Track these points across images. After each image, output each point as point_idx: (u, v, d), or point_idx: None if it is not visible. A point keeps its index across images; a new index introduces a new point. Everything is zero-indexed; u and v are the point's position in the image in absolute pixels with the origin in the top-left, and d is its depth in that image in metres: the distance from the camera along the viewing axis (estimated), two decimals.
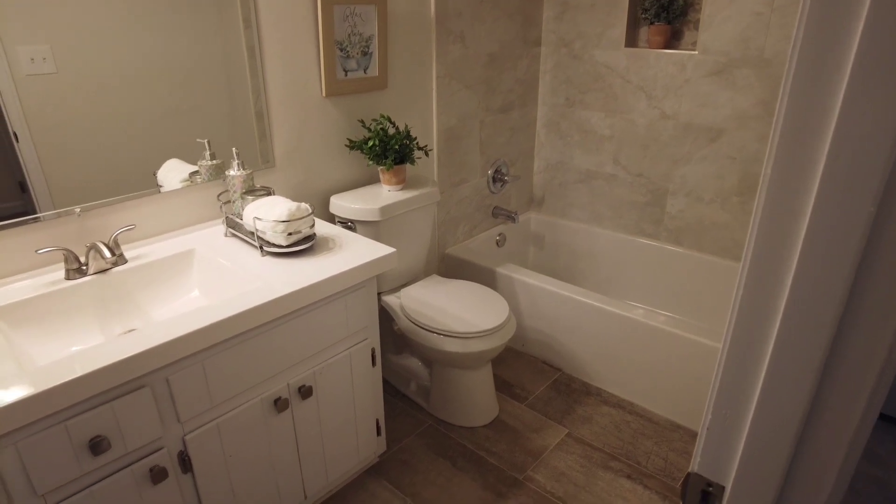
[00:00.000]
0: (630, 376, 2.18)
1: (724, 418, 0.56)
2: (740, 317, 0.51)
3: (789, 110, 0.44)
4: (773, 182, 0.46)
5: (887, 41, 0.38)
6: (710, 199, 2.41)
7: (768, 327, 0.50)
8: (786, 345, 0.49)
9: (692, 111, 2.35)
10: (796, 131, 0.44)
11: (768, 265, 0.48)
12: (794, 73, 0.43)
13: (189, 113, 1.57)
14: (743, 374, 0.53)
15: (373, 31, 1.92)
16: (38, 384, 0.96)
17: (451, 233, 2.60)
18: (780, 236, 0.47)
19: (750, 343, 0.52)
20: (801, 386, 0.49)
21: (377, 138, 1.90)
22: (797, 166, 0.45)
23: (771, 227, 0.47)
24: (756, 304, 0.50)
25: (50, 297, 1.29)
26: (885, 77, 0.39)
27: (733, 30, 2.15)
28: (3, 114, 1.28)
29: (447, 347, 1.87)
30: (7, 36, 1.24)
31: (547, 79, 2.77)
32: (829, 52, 0.41)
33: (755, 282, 0.49)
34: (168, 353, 1.11)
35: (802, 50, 0.42)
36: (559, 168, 2.88)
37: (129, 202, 1.51)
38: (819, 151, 0.43)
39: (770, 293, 0.49)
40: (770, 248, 0.48)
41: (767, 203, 0.47)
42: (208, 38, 1.56)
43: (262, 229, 1.44)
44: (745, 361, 0.52)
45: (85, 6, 1.33)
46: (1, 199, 1.31)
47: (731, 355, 0.53)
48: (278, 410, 1.38)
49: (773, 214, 0.47)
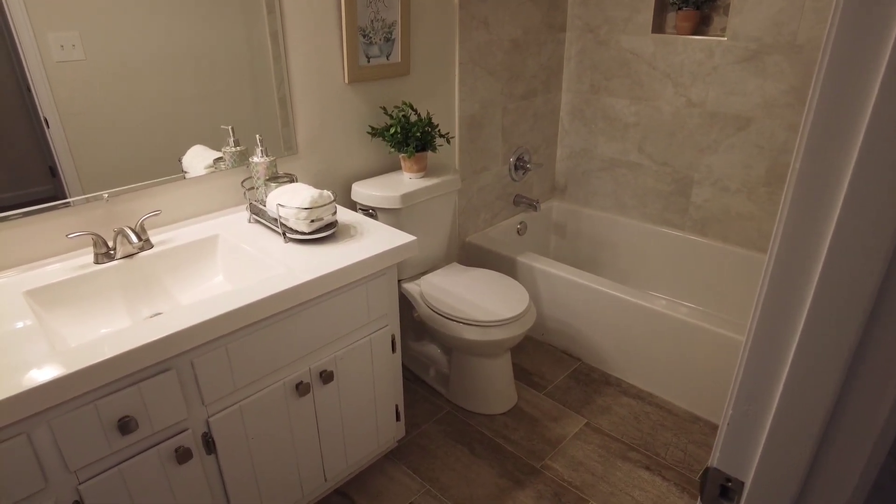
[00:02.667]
0: (650, 367, 2.16)
1: (746, 413, 0.55)
2: (764, 311, 0.51)
3: (821, 102, 0.43)
4: (801, 175, 0.45)
5: None
6: (737, 188, 2.36)
7: (793, 322, 0.49)
8: (811, 341, 0.48)
9: (720, 99, 2.30)
10: (828, 125, 0.43)
11: (795, 259, 0.47)
12: (827, 64, 0.42)
13: (213, 99, 1.59)
14: (766, 369, 0.52)
15: (396, 17, 1.91)
16: (71, 365, 0.99)
17: (471, 221, 2.59)
18: (809, 230, 0.46)
19: (774, 338, 0.51)
20: (826, 383, 0.48)
21: (399, 125, 1.90)
22: (828, 161, 0.44)
23: (799, 220, 0.46)
24: (781, 298, 0.49)
25: (80, 281, 1.33)
26: None
27: (765, 14, 2.09)
28: (34, 100, 1.31)
29: (467, 335, 1.88)
30: (38, 23, 1.26)
31: (571, 65, 2.73)
32: (865, 43, 0.40)
33: (781, 275, 0.49)
34: (193, 337, 1.13)
35: (837, 39, 0.41)
36: (583, 156, 2.84)
37: (155, 188, 1.54)
38: (852, 146, 0.42)
39: (796, 288, 0.48)
40: (797, 241, 0.47)
41: (796, 196, 0.46)
42: (232, 24, 1.57)
43: (286, 216, 1.46)
44: (769, 356, 0.52)
45: None
46: (32, 184, 1.35)
47: (754, 350, 0.53)
48: (300, 394, 1.41)
49: (801, 208, 0.46)
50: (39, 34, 1.27)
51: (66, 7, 1.29)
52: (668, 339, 2.05)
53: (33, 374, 0.97)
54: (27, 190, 1.35)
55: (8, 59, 1.25)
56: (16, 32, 1.25)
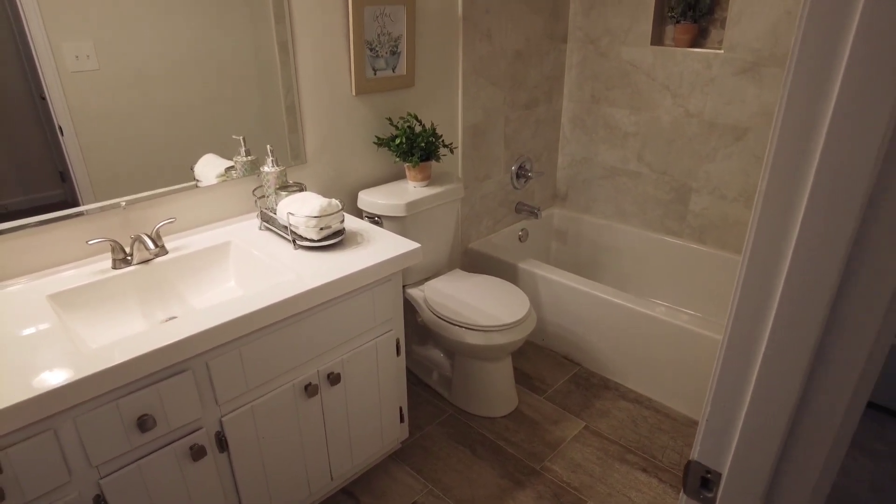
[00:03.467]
0: (649, 372, 2.21)
1: (722, 410, 0.61)
2: (737, 319, 0.56)
3: (783, 132, 0.49)
4: (767, 196, 0.51)
5: (869, 78, 0.43)
6: (734, 197, 2.42)
7: (762, 326, 0.54)
8: (777, 343, 0.53)
9: (717, 109, 2.35)
10: (790, 152, 0.49)
11: (762, 270, 0.53)
12: (789, 92, 0.48)
13: (223, 109, 1.65)
14: (739, 368, 0.58)
15: (401, 31, 1.98)
16: (96, 365, 1.05)
17: (474, 227, 2.65)
18: (774, 244, 0.51)
19: (746, 340, 0.56)
20: (790, 380, 0.54)
21: (404, 136, 1.96)
22: (789, 182, 0.49)
23: (766, 235, 0.52)
24: (751, 307, 0.55)
25: (99, 285, 1.39)
26: (861, 121, 0.43)
27: (761, 27, 2.14)
28: (49, 108, 1.37)
29: (469, 340, 1.93)
30: (54, 34, 1.32)
31: (573, 75, 2.79)
32: (820, 68, 0.46)
33: (751, 284, 0.54)
34: (209, 340, 1.19)
35: (798, 64, 0.47)
36: (584, 164, 2.90)
37: (169, 196, 1.60)
38: (808, 170, 0.48)
39: (764, 295, 0.53)
40: (764, 254, 0.52)
41: (763, 214, 0.51)
42: (241, 34, 1.62)
43: (295, 224, 1.52)
44: (742, 357, 0.57)
45: (126, 4, 1.40)
46: (42, 189, 1.40)
47: (729, 351, 0.58)
48: (308, 396, 1.46)
49: (767, 224, 0.51)
50: (55, 45, 1.32)
51: (81, 18, 1.35)
52: (667, 344, 2.10)
53: (61, 373, 1.03)
54: (37, 194, 1.39)
55: (22, 69, 1.30)
56: (32, 43, 1.31)
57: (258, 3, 1.63)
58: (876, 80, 0.43)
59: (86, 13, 1.35)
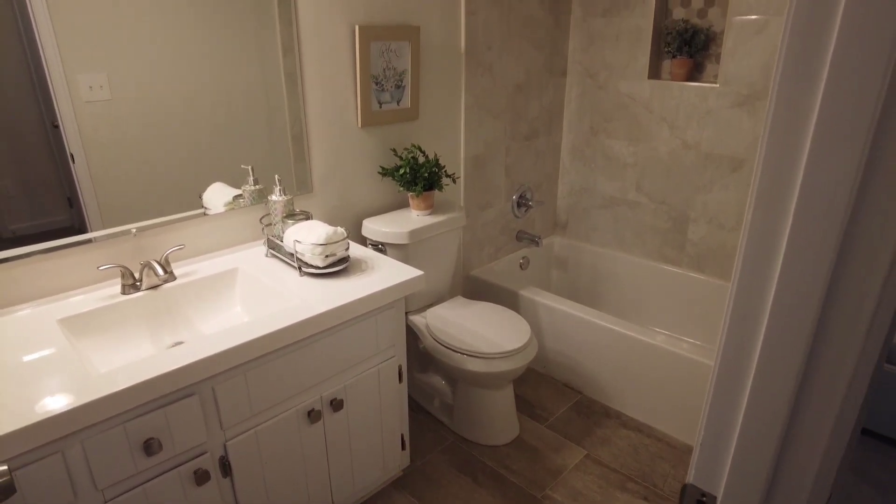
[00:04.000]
0: (650, 400, 2.22)
1: (715, 435, 0.63)
2: (727, 342, 0.59)
3: (766, 167, 0.52)
4: (752, 228, 0.54)
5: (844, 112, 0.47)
6: (732, 226, 2.45)
7: (750, 353, 0.57)
8: (764, 368, 0.56)
9: (714, 141, 2.41)
10: (771, 187, 0.52)
11: (749, 300, 0.56)
12: (770, 126, 0.51)
13: (232, 138, 1.70)
14: (730, 393, 0.60)
15: (406, 66, 2.05)
16: (105, 389, 1.07)
17: (475, 255, 2.69)
18: (759, 278, 0.55)
19: (735, 366, 0.59)
20: (778, 404, 0.56)
21: (408, 166, 2.01)
22: (772, 217, 0.53)
23: (750, 271, 0.55)
24: (740, 331, 0.58)
25: (108, 310, 1.42)
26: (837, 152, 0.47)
27: (754, 63, 2.21)
28: (61, 136, 1.41)
29: (470, 367, 1.95)
30: (70, 65, 1.37)
31: (572, 107, 2.86)
32: (799, 106, 0.50)
33: (739, 314, 0.57)
34: (216, 365, 1.21)
35: (779, 98, 0.51)
36: (583, 193, 2.95)
37: (178, 223, 1.64)
38: (788, 205, 0.51)
39: (751, 322, 0.56)
40: (750, 285, 0.56)
41: (748, 253, 0.55)
42: (250, 66, 1.68)
43: (301, 251, 1.55)
44: (732, 382, 0.60)
45: (138, 36, 1.46)
46: (50, 214, 1.43)
47: (720, 376, 0.61)
48: (311, 421, 1.48)
49: (752, 262, 0.55)
50: (70, 75, 1.37)
51: (96, 51, 1.40)
52: (667, 372, 2.12)
53: (71, 397, 1.05)
54: (45, 219, 1.43)
55: (36, 98, 1.35)
56: (49, 73, 1.36)
57: (267, 37, 1.70)
58: (849, 118, 0.47)
59: (101, 46, 1.41)
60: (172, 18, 1.51)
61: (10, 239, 1.39)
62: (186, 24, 1.53)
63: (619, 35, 2.58)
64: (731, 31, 2.24)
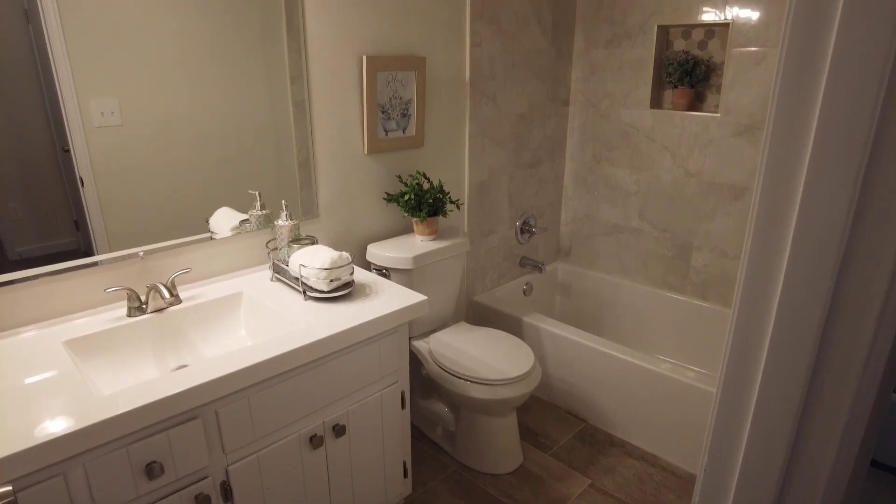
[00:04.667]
0: (655, 429, 2.19)
1: (719, 460, 0.63)
2: (729, 370, 0.60)
3: (762, 204, 0.54)
4: (750, 262, 0.55)
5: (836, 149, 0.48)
6: (735, 254, 2.46)
7: (752, 380, 0.58)
8: (766, 397, 0.57)
9: (716, 169, 2.43)
10: (768, 219, 0.54)
11: (749, 329, 0.57)
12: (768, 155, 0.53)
13: (239, 165, 1.73)
14: (733, 421, 0.61)
15: (412, 95, 2.09)
16: (108, 412, 1.08)
17: (479, 281, 2.69)
18: (758, 307, 0.56)
19: (737, 393, 0.60)
20: (780, 431, 0.56)
21: (413, 192, 2.04)
22: (769, 250, 0.54)
23: (750, 300, 0.56)
24: (741, 363, 0.58)
25: (114, 333, 1.43)
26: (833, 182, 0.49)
27: (755, 94, 2.25)
28: (71, 161, 1.43)
29: (474, 394, 1.94)
30: (83, 91, 1.40)
31: (575, 136, 2.90)
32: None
33: (739, 346, 0.58)
34: (219, 389, 1.21)
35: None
36: (586, 220, 2.97)
37: (185, 247, 1.66)
38: (786, 235, 0.52)
39: (751, 355, 0.57)
40: (750, 314, 0.56)
41: (747, 283, 0.56)
42: (258, 94, 1.72)
43: (307, 276, 1.57)
44: (734, 410, 0.60)
45: (150, 63, 1.50)
46: (56, 236, 1.45)
47: (722, 404, 0.61)
48: (313, 447, 1.47)
49: (751, 291, 0.56)
50: (83, 101, 1.41)
51: (109, 77, 1.44)
52: (672, 401, 2.10)
53: (74, 420, 1.06)
54: (52, 242, 1.44)
55: (47, 121, 1.38)
56: (62, 98, 1.39)
57: (276, 66, 1.74)
58: (842, 149, 0.48)
59: (114, 72, 1.44)
60: (183, 46, 1.55)
61: (16, 261, 1.40)
62: (197, 51, 1.58)
63: (621, 66, 2.63)
64: (731, 62, 2.28)
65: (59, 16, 1.34)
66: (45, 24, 1.33)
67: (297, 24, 1.76)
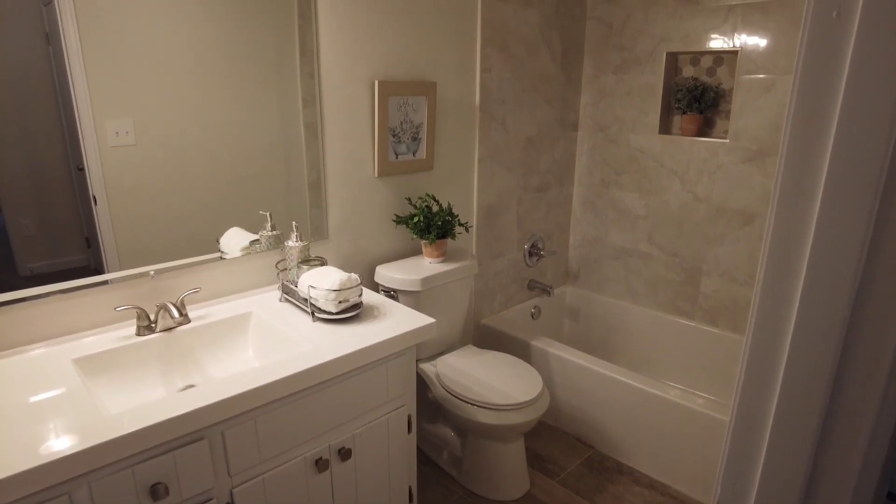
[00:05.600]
0: (664, 457, 2.16)
1: (733, 492, 0.62)
2: (742, 401, 0.59)
3: (776, 232, 0.53)
4: (764, 290, 0.55)
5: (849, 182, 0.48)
6: (744, 280, 2.44)
7: (766, 412, 0.57)
8: (781, 427, 0.56)
9: (725, 195, 2.43)
10: (783, 249, 0.53)
11: (763, 358, 0.56)
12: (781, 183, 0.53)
13: (250, 185, 1.75)
14: (747, 452, 0.60)
15: (422, 119, 2.11)
16: (114, 432, 1.07)
17: (487, 303, 2.68)
18: (772, 338, 0.55)
19: (751, 424, 0.58)
20: (797, 463, 0.55)
21: (422, 215, 2.04)
22: (784, 278, 0.53)
23: (763, 333, 0.55)
24: (755, 389, 0.57)
25: (123, 351, 1.43)
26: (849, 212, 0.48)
27: (764, 119, 2.26)
28: (86, 179, 1.45)
29: (481, 418, 1.92)
30: (99, 111, 1.43)
31: (583, 160, 2.91)
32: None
33: (754, 372, 0.57)
34: (225, 410, 1.21)
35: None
36: (595, 244, 2.97)
37: (195, 266, 1.67)
38: (800, 266, 0.52)
39: (765, 383, 0.56)
40: (764, 346, 0.56)
41: (760, 314, 0.55)
42: (270, 117, 1.75)
43: (315, 297, 1.57)
44: (749, 441, 0.59)
45: (165, 84, 1.52)
46: (67, 253, 1.46)
47: (735, 434, 0.60)
48: (319, 470, 1.45)
49: (764, 324, 0.55)
50: (98, 121, 1.43)
51: (124, 98, 1.46)
52: (682, 428, 2.07)
53: (81, 438, 1.05)
54: (63, 259, 1.45)
55: (63, 141, 1.40)
56: (79, 118, 1.41)
57: (288, 90, 1.77)
58: (857, 179, 0.48)
59: (130, 93, 1.47)
60: (198, 69, 1.58)
61: (27, 277, 1.42)
62: (211, 74, 1.61)
63: (630, 91, 2.66)
64: (740, 89, 2.30)
65: (78, 39, 1.38)
66: (65, 47, 1.36)
67: (311, 49, 1.79)
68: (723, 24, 2.32)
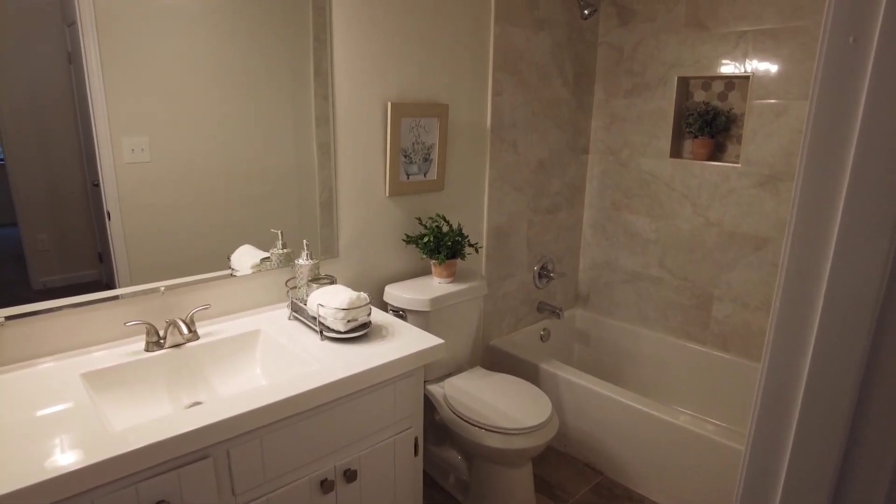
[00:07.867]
0: (675, 484, 2.11)
1: None
2: (758, 433, 0.57)
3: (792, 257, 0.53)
4: (781, 316, 0.54)
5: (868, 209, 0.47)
6: (757, 305, 2.41)
7: (783, 445, 0.55)
8: (800, 462, 0.54)
9: (736, 220, 2.42)
10: (799, 278, 0.53)
11: (779, 392, 0.55)
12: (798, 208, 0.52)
13: (262, 204, 1.76)
14: (763, 484, 0.58)
15: (434, 141, 2.13)
16: (121, 447, 1.07)
17: (496, 325, 2.67)
18: (789, 368, 0.54)
19: (768, 457, 0.57)
20: (816, 497, 0.54)
21: (432, 235, 2.05)
22: (801, 306, 0.53)
23: (779, 362, 0.54)
24: (771, 420, 0.56)
25: (131, 367, 1.43)
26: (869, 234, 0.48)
27: (776, 144, 2.25)
28: (101, 195, 1.47)
29: (488, 442, 1.89)
30: (116, 128, 1.45)
31: (594, 183, 2.91)
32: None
33: (769, 403, 0.56)
34: (231, 428, 1.20)
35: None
36: (605, 267, 2.95)
37: (205, 283, 1.68)
38: (818, 295, 0.51)
39: (782, 416, 0.55)
40: (780, 376, 0.55)
41: (777, 337, 0.54)
42: (284, 137, 1.77)
43: (324, 315, 1.57)
44: (764, 472, 0.58)
45: (181, 103, 1.55)
46: (80, 268, 1.47)
47: (751, 466, 0.59)
48: (324, 492, 1.43)
49: (781, 350, 0.54)
50: (115, 138, 1.45)
51: (141, 116, 1.49)
52: (693, 455, 2.03)
53: (86, 454, 1.05)
54: (75, 273, 1.46)
55: (80, 157, 1.42)
56: (96, 135, 1.43)
57: (302, 109, 1.79)
58: (875, 205, 0.48)
59: (147, 110, 1.50)
60: (213, 89, 1.61)
61: (39, 291, 1.43)
62: (226, 94, 1.63)
63: (640, 116, 2.67)
64: (752, 113, 2.30)
65: (99, 58, 1.41)
66: (86, 66, 1.39)
67: (325, 71, 1.82)
68: (734, 49, 2.33)
